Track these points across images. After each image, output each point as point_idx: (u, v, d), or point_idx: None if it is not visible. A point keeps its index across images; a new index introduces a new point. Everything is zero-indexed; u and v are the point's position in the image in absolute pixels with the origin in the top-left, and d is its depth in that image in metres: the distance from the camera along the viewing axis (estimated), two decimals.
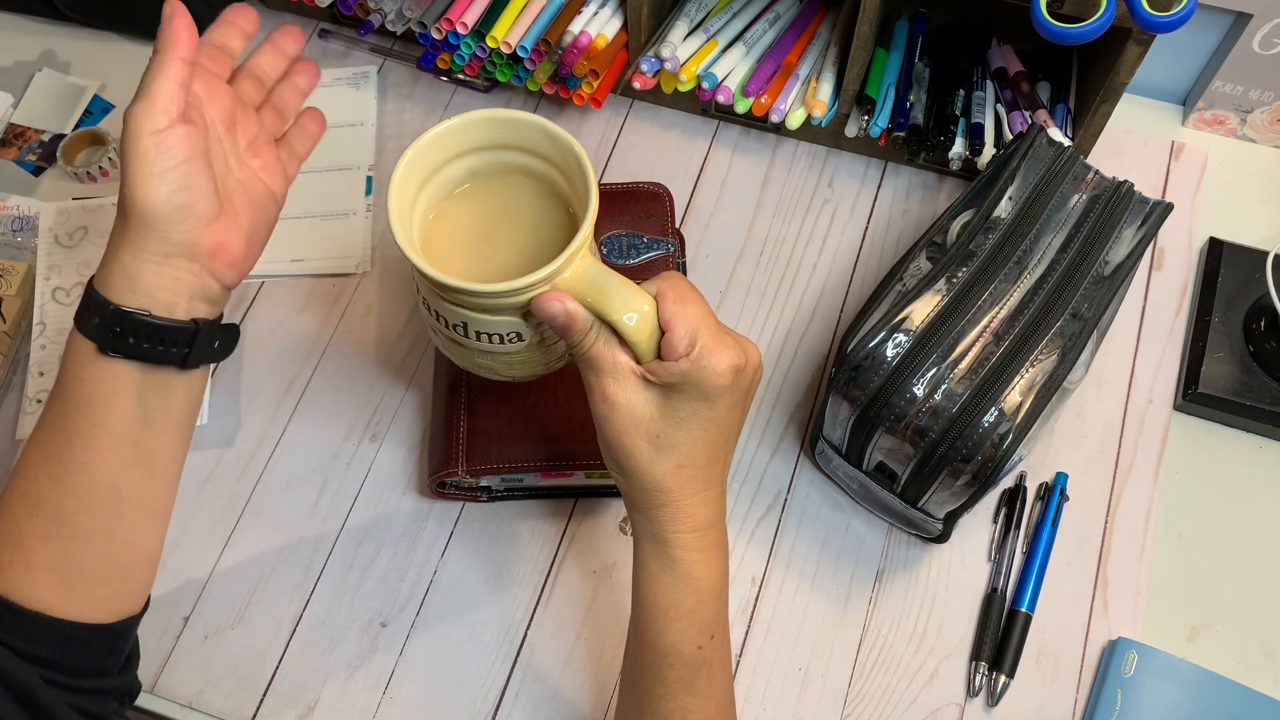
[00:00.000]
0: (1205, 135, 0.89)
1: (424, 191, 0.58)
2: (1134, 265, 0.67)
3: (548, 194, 0.60)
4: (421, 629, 0.72)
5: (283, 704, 0.70)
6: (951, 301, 0.64)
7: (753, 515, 0.75)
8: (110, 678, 0.56)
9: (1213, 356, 0.77)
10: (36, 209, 0.84)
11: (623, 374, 0.52)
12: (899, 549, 0.74)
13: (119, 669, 0.57)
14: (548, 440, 0.71)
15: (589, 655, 0.71)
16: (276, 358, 0.81)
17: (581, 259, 0.53)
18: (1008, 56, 0.84)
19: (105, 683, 0.56)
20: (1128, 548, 0.74)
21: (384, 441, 0.78)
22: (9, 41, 0.95)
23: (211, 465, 0.77)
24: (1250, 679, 0.70)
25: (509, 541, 0.75)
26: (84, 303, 0.53)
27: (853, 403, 0.64)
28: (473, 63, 0.86)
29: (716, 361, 0.51)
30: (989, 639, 0.71)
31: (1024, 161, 0.70)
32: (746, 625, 0.72)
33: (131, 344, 0.52)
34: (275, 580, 0.74)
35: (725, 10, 0.85)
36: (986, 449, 0.61)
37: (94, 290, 0.53)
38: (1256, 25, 0.79)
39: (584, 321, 0.52)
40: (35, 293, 0.80)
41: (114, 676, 0.57)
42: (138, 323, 0.52)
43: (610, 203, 0.78)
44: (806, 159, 0.88)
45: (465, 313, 0.56)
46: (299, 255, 0.84)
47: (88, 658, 0.55)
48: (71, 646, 0.54)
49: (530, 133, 0.57)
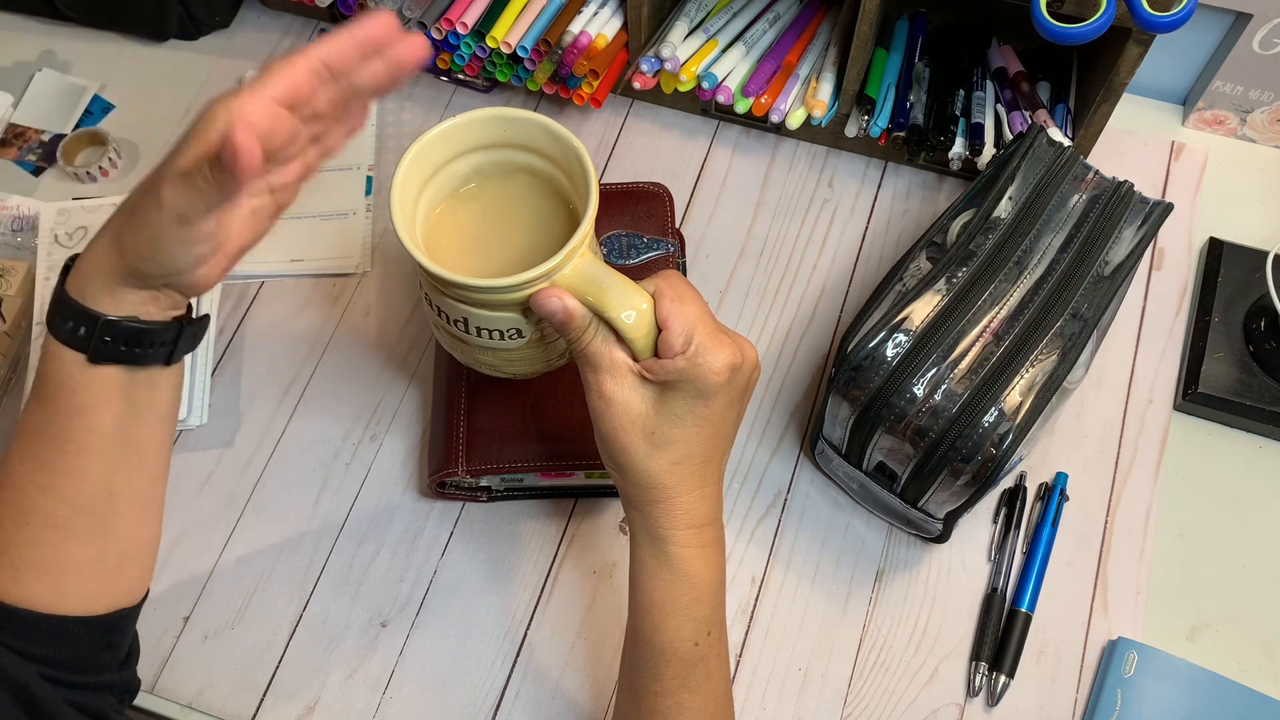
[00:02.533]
0: (1205, 135, 0.89)
1: (427, 189, 0.59)
2: (1134, 265, 0.67)
3: (550, 192, 0.60)
4: (421, 629, 0.72)
5: (283, 704, 0.70)
6: (951, 301, 0.64)
7: (752, 515, 0.75)
8: (108, 673, 0.56)
9: (1213, 356, 0.77)
10: (36, 209, 0.84)
11: (620, 371, 0.53)
12: (899, 549, 0.74)
13: (117, 665, 0.57)
14: (548, 440, 0.71)
15: (589, 655, 0.71)
16: (276, 358, 0.81)
17: (581, 256, 0.53)
18: (1008, 56, 0.84)
19: (103, 678, 0.56)
20: (1127, 548, 0.74)
21: (384, 441, 0.78)
22: (9, 41, 0.95)
23: (211, 465, 0.77)
24: (1250, 679, 0.69)
25: (509, 541, 0.75)
26: (61, 310, 0.51)
27: (853, 403, 0.64)
28: (473, 63, 0.86)
29: (713, 360, 0.51)
30: (989, 639, 0.71)
31: (1024, 161, 0.70)
32: (746, 625, 0.72)
33: (122, 350, 0.52)
34: (275, 580, 0.74)
35: (725, 10, 0.85)
36: (986, 449, 0.61)
37: (72, 299, 0.51)
38: (1256, 25, 0.79)
39: (582, 318, 0.53)
40: (35, 293, 0.80)
41: (111, 672, 0.56)
42: (127, 330, 0.52)
43: (610, 203, 0.78)
44: (806, 159, 0.88)
45: (466, 308, 0.56)
46: (299, 255, 0.84)
47: (83, 652, 0.55)
48: (65, 641, 0.54)
49: (533, 131, 0.58)
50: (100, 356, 0.52)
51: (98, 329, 0.51)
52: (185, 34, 0.94)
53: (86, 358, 0.52)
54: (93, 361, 0.52)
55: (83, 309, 0.51)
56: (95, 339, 0.51)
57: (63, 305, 0.52)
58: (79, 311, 0.51)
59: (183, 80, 0.92)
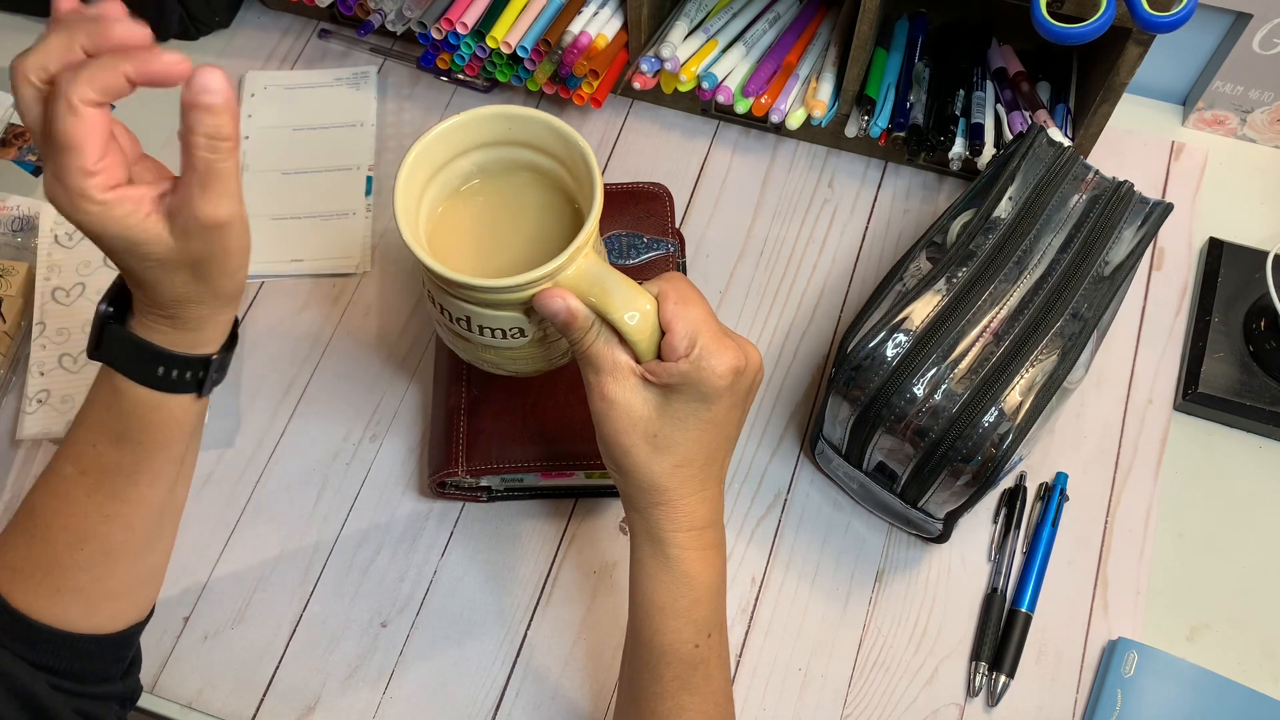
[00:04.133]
0: (1205, 135, 0.89)
1: (430, 186, 0.59)
2: (1134, 265, 0.67)
3: (554, 191, 0.60)
4: (421, 629, 0.72)
5: (283, 704, 0.70)
6: (951, 301, 0.64)
7: (753, 515, 0.75)
8: (114, 683, 0.57)
9: (1213, 356, 0.77)
10: (36, 209, 0.84)
11: (622, 373, 0.53)
12: (899, 549, 0.74)
13: (122, 674, 0.58)
14: (548, 440, 0.71)
15: (589, 655, 0.71)
16: (276, 358, 0.81)
17: (585, 257, 0.53)
18: (1008, 56, 0.84)
19: (109, 688, 0.56)
20: (1128, 548, 0.74)
21: (384, 441, 0.78)
22: (9, 41, 0.95)
23: (211, 465, 0.77)
24: (1250, 679, 0.69)
25: (509, 542, 0.75)
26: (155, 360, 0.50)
27: (853, 403, 0.64)
28: (473, 63, 0.86)
29: (716, 363, 0.51)
30: (989, 639, 0.71)
31: (1024, 161, 0.70)
32: (746, 625, 0.72)
33: (216, 377, 0.53)
34: (275, 580, 0.74)
35: (725, 10, 0.85)
36: (986, 449, 0.61)
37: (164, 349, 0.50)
38: (1256, 25, 0.79)
39: (585, 319, 0.52)
40: (35, 293, 0.80)
41: (116, 682, 0.57)
42: (221, 362, 0.53)
43: (610, 203, 0.78)
44: (806, 159, 0.88)
45: (469, 307, 0.56)
46: (299, 255, 0.84)
47: (95, 666, 0.56)
48: (79, 657, 0.55)
49: (537, 129, 0.58)
50: (206, 389, 0.52)
51: (211, 368, 0.52)
52: (185, 34, 0.94)
53: (196, 396, 0.52)
54: (201, 396, 0.52)
55: (184, 356, 0.51)
56: (209, 377, 0.52)
57: (156, 355, 0.50)
58: (181, 359, 0.51)
59: None
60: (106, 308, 0.51)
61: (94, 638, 0.55)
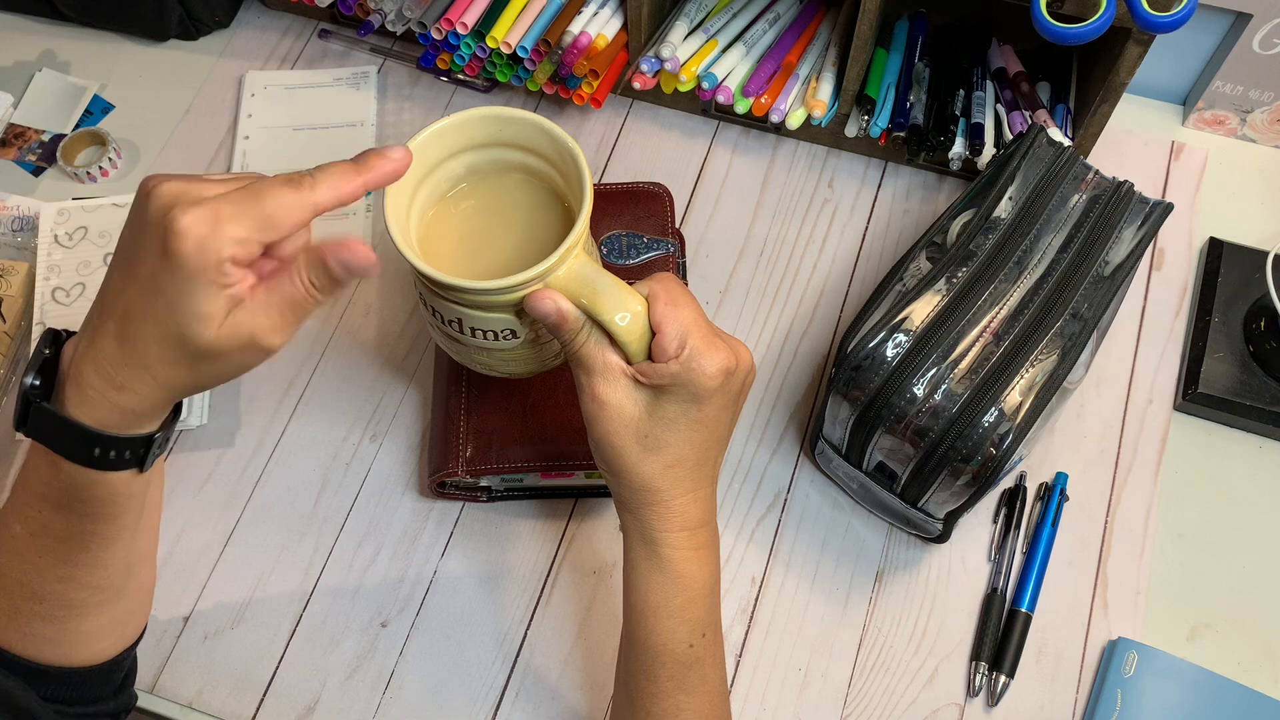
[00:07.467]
0: (1205, 135, 0.89)
1: (422, 188, 0.58)
2: (1134, 265, 0.67)
3: (545, 192, 0.60)
4: (421, 629, 0.72)
5: (283, 704, 0.70)
6: (951, 301, 0.64)
7: (753, 515, 0.75)
8: (106, 702, 0.57)
9: (1213, 356, 0.77)
10: (36, 209, 0.84)
11: (613, 374, 0.53)
12: (899, 549, 0.74)
13: (115, 691, 0.58)
14: (548, 440, 0.71)
15: (588, 655, 0.71)
16: (276, 358, 0.81)
17: (575, 258, 0.53)
18: (1008, 56, 0.84)
19: (102, 706, 0.57)
20: (1127, 548, 0.74)
21: (384, 441, 0.78)
22: (9, 41, 0.95)
23: (211, 465, 0.77)
24: (1250, 679, 0.69)
25: (509, 542, 0.75)
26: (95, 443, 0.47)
27: (853, 403, 0.64)
28: (473, 63, 0.86)
29: (706, 364, 0.51)
30: (989, 639, 0.71)
31: (1024, 161, 0.70)
32: (746, 625, 0.72)
33: (158, 452, 0.51)
34: (275, 580, 0.74)
35: (725, 10, 0.85)
36: (986, 449, 0.61)
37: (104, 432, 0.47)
38: (1256, 25, 0.79)
39: (575, 321, 0.52)
40: (35, 293, 0.80)
41: (110, 700, 0.58)
42: (164, 438, 0.50)
43: (610, 203, 0.78)
44: (806, 159, 0.88)
45: (460, 309, 0.56)
46: None
47: (86, 691, 0.56)
48: (69, 686, 0.55)
49: (528, 131, 0.57)
50: (148, 464, 0.50)
51: (153, 445, 0.49)
52: (185, 34, 0.94)
53: (137, 471, 0.49)
54: (142, 471, 0.50)
55: (121, 437, 0.47)
56: (150, 454, 0.49)
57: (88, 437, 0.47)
58: (116, 440, 0.47)
59: (183, 80, 0.92)
60: (32, 382, 0.47)
61: (80, 670, 0.55)
